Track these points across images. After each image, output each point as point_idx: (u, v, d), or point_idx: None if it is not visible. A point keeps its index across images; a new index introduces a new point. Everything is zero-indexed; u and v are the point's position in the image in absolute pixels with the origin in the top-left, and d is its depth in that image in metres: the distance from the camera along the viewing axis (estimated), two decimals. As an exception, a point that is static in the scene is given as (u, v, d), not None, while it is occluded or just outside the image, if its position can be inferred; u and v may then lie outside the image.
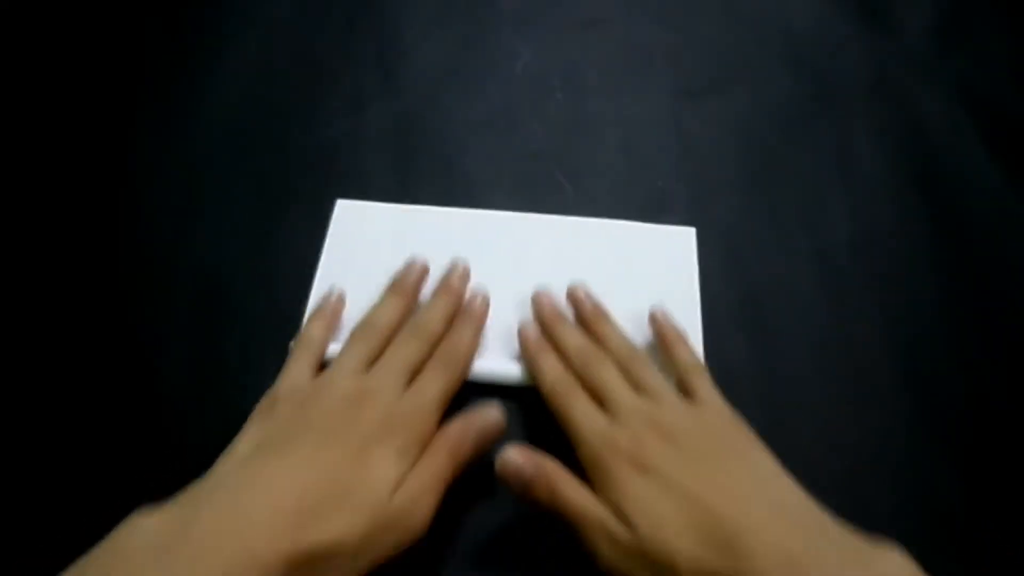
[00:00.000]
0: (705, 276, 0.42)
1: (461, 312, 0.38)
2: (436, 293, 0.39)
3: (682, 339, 0.37)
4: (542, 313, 0.38)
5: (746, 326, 0.40)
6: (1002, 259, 0.43)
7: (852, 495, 0.31)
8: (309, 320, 0.39)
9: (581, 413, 0.33)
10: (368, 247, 0.43)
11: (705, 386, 0.35)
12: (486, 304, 0.39)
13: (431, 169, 0.46)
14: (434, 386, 0.34)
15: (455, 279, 0.39)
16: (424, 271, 0.40)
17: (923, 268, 0.43)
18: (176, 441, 0.38)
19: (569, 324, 0.38)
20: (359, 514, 0.29)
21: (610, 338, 0.37)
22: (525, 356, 0.38)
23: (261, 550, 0.26)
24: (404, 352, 0.35)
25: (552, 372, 0.36)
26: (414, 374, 0.35)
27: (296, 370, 0.35)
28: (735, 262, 0.43)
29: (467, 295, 0.39)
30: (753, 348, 0.39)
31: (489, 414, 0.34)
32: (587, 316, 0.38)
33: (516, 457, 0.32)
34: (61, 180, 0.46)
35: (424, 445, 0.32)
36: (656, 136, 0.47)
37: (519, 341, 0.38)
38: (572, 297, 0.39)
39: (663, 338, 0.37)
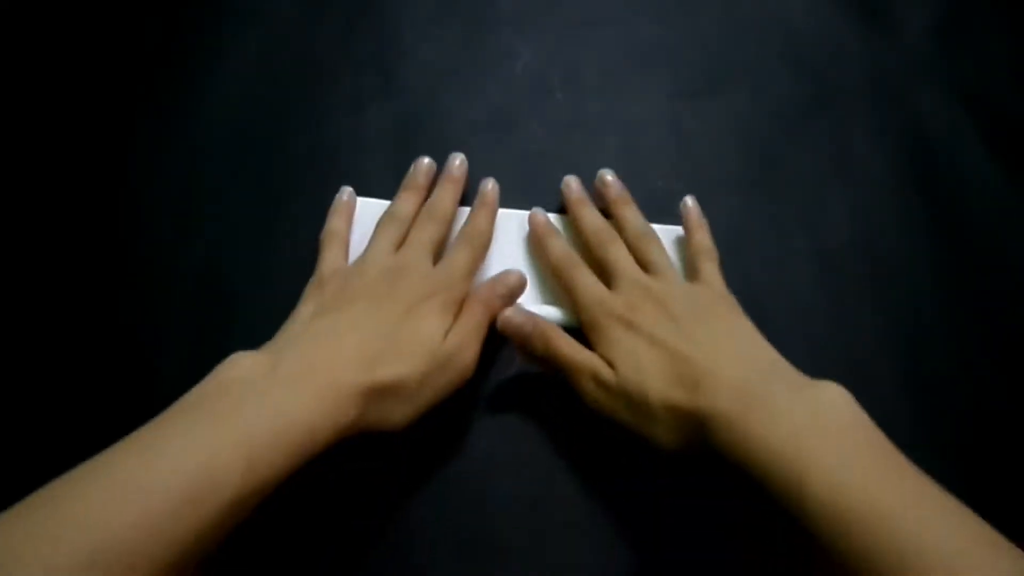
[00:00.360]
0: (705, 276, 0.42)
1: (477, 198, 0.42)
2: (441, 183, 0.43)
3: (703, 226, 0.42)
4: (568, 195, 0.43)
5: (746, 326, 0.40)
6: (1002, 259, 0.43)
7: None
8: (330, 216, 0.42)
9: (583, 283, 0.38)
10: (364, 242, 0.42)
11: (709, 268, 0.39)
12: (496, 189, 0.43)
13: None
14: (460, 257, 0.38)
15: (455, 169, 0.43)
16: (431, 167, 0.44)
17: (923, 268, 0.43)
18: (176, 441, 0.38)
19: (590, 206, 0.42)
20: (417, 357, 0.33)
21: (628, 220, 0.41)
22: (533, 238, 0.42)
23: (342, 380, 0.31)
24: (426, 232, 0.40)
25: (558, 249, 0.40)
26: (438, 252, 0.39)
27: (331, 256, 0.40)
28: (735, 262, 0.43)
29: (481, 184, 0.43)
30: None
31: (511, 275, 0.39)
32: (611, 198, 0.42)
33: (516, 315, 0.38)
34: (61, 180, 0.46)
35: (460, 304, 0.37)
36: (655, 136, 0.47)
37: (529, 226, 0.43)
38: (600, 181, 0.43)
39: (686, 221, 0.42)
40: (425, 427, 0.34)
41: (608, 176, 0.43)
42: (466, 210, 0.43)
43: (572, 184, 0.44)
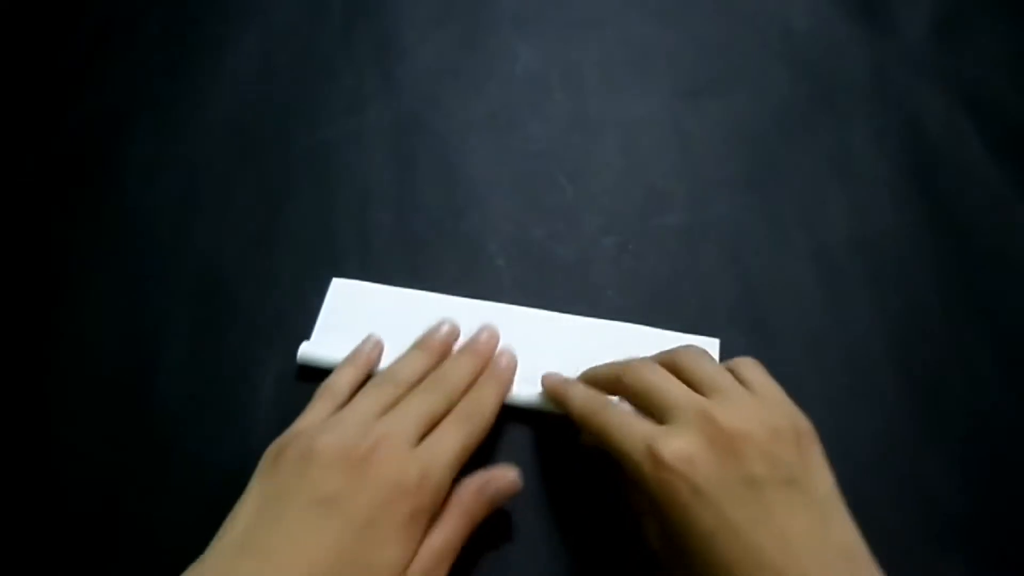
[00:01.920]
0: (705, 276, 0.42)
1: (486, 369, 0.36)
2: (462, 351, 0.37)
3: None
4: (559, 388, 0.36)
5: (746, 326, 0.40)
6: (1002, 259, 0.43)
7: (852, 494, 0.31)
8: (340, 366, 0.36)
9: (620, 422, 0.30)
10: (361, 328, 0.39)
11: (763, 378, 0.31)
12: (513, 364, 0.37)
13: (431, 169, 0.46)
14: (451, 440, 0.31)
15: (483, 340, 0.37)
16: (454, 331, 0.38)
17: (923, 268, 0.43)
18: (175, 441, 0.38)
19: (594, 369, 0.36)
20: None
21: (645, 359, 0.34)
22: (550, 392, 0.36)
23: None
24: (422, 402, 0.33)
25: (581, 394, 0.33)
26: (428, 428, 0.32)
27: (312, 414, 0.33)
28: (734, 262, 0.43)
29: (496, 355, 0.37)
30: (752, 348, 0.39)
31: (506, 475, 0.32)
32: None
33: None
34: (61, 180, 0.46)
35: (434, 511, 0.30)
36: (656, 136, 0.47)
37: (544, 387, 0.36)
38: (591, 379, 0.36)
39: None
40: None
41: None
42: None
43: (553, 379, 0.36)
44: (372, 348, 0.38)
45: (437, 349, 0.36)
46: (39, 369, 0.40)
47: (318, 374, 0.37)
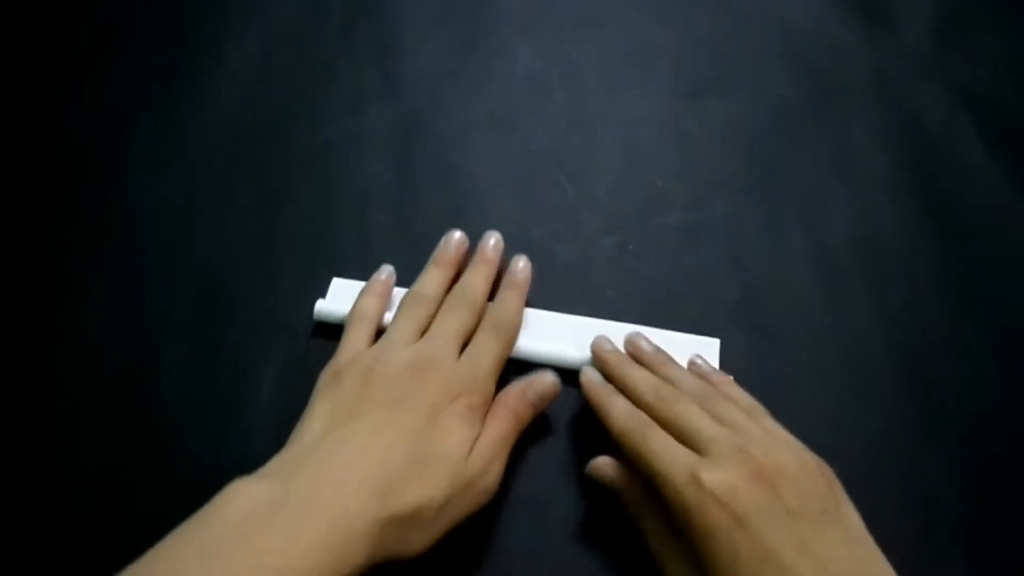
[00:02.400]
0: (704, 276, 0.42)
1: (506, 278, 0.39)
2: (474, 263, 0.40)
3: (729, 380, 0.36)
4: (606, 358, 0.37)
5: (746, 326, 0.40)
6: (1002, 259, 0.43)
7: (851, 494, 0.31)
8: (362, 294, 0.40)
9: (662, 448, 0.31)
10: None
11: (772, 423, 0.33)
12: (528, 268, 0.40)
13: (431, 169, 0.46)
14: (488, 351, 0.35)
15: (491, 247, 0.40)
16: (463, 242, 0.41)
17: (923, 268, 0.43)
18: (175, 441, 0.38)
19: (637, 366, 0.36)
20: (439, 479, 0.30)
21: (680, 379, 0.35)
22: (591, 400, 0.36)
23: (354, 513, 0.28)
24: (454, 320, 0.36)
25: (624, 411, 0.34)
26: (465, 340, 0.36)
27: (353, 342, 0.36)
28: (734, 262, 0.43)
29: (511, 262, 0.40)
30: (752, 348, 0.39)
31: (546, 378, 0.36)
32: (651, 362, 0.37)
33: (607, 468, 0.34)
34: (61, 180, 0.46)
35: (486, 408, 0.34)
36: (656, 136, 0.47)
37: (583, 387, 0.36)
38: (632, 345, 0.38)
39: (709, 382, 0.36)
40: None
41: (641, 340, 0.38)
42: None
43: (606, 346, 0.38)
44: (387, 276, 0.41)
45: (452, 262, 0.40)
46: (39, 369, 0.40)
47: (316, 374, 0.36)
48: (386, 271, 0.41)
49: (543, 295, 0.41)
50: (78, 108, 0.49)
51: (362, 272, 0.42)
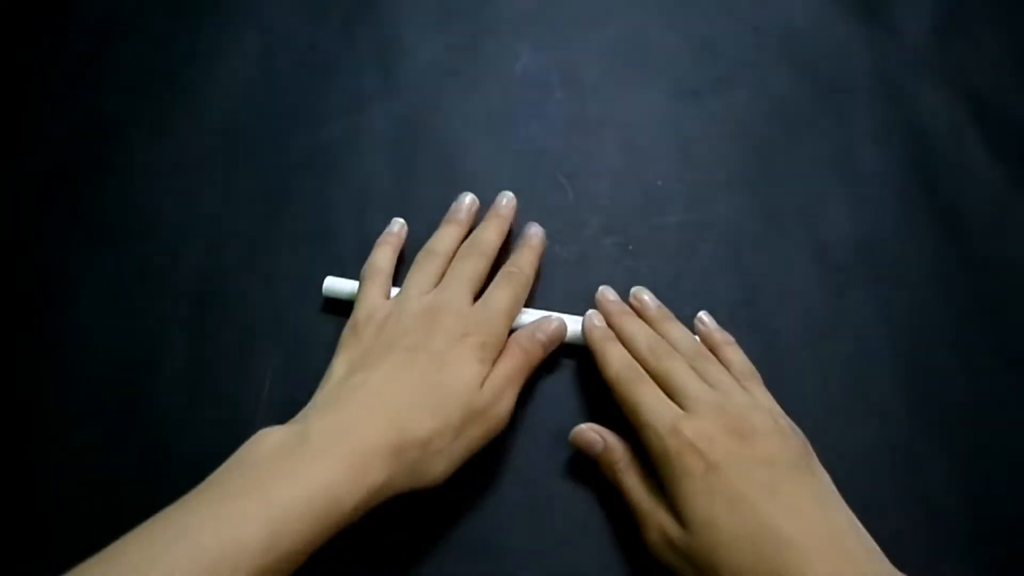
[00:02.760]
0: (705, 276, 0.42)
1: (519, 240, 0.41)
2: (487, 219, 0.41)
3: (731, 342, 0.38)
4: (609, 308, 0.39)
5: (746, 326, 0.40)
6: (1002, 259, 0.43)
7: (851, 494, 0.31)
8: (375, 248, 0.41)
9: (651, 400, 0.34)
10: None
11: (761, 390, 0.35)
12: (541, 232, 0.41)
13: (431, 169, 0.46)
14: (500, 296, 0.37)
15: (504, 205, 0.42)
16: (474, 203, 0.42)
17: (923, 268, 0.43)
18: (175, 441, 0.38)
19: (637, 319, 0.39)
20: (452, 408, 0.32)
21: (677, 337, 0.38)
22: (591, 343, 0.38)
23: (369, 442, 0.30)
24: (466, 266, 0.38)
25: (619, 360, 0.36)
26: (478, 289, 0.38)
27: (370, 296, 0.38)
28: (735, 262, 0.43)
29: (524, 227, 0.41)
30: (753, 348, 0.39)
31: (552, 321, 0.38)
32: (652, 316, 0.39)
33: (588, 433, 0.35)
34: (61, 181, 0.46)
35: (499, 348, 0.35)
36: (656, 136, 0.47)
37: (584, 330, 0.39)
38: (636, 299, 0.40)
39: (711, 341, 0.38)
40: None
41: (644, 295, 0.40)
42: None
43: (609, 295, 0.40)
44: (399, 228, 0.42)
45: (465, 220, 0.41)
46: (39, 370, 0.40)
47: (316, 374, 0.36)
48: (398, 223, 0.42)
49: (543, 295, 0.41)
50: (77, 109, 0.49)
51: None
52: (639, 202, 0.45)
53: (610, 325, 0.39)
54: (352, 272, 0.42)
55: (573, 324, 0.39)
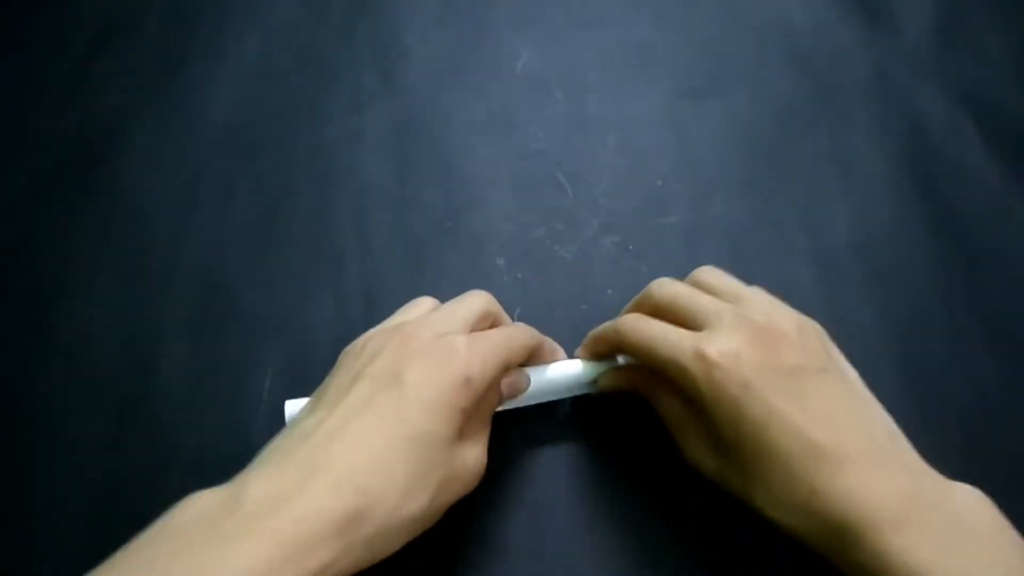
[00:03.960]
0: (705, 276, 0.42)
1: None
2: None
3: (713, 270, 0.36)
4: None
5: (746, 326, 0.40)
6: (1002, 259, 0.43)
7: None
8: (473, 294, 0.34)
9: (661, 333, 0.31)
10: None
11: (770, 297, 0.33)
12: (555, 348, 0.37)
13: (431, 169, 0.46)
14: (494, 335, 0.31)
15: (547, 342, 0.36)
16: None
17: (923, 268, 0.43)
18: (175, 441, 0.38)
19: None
20: (427, 460, 0.27)
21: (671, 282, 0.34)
22: (587, 340, 0.36)
23: (314, 511, 0.24)
24: (466, 306, 0.32)
25: (618, 320, 0.33)
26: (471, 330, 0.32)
27: (397, 318, 0.33)
28: (734, 262, 0.43)
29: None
30: (753, 348, 0.39)
31: (520, 380, 0.34)
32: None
33: (615, 375, 0.34)
34: (61, 180, 0.46)
35: (483, 389, 0.30)
36: (656, 136, 0.47)
37: (581, 348, 0.36)
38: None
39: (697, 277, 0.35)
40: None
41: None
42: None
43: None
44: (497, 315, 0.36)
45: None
46: (39, 369, 0.40)
47: (317, 375, 0.36)
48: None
49: (543, 295, 0.41)
50: (78, 108, 0.49)
51: (362, 272, 0.42)
52: (639, 202, 0.45)
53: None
54: (352, 271, 0.42)
55: (573, 367, 0.36)
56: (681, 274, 0.42)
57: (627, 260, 0.43)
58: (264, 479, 0.26)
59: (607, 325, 0.34)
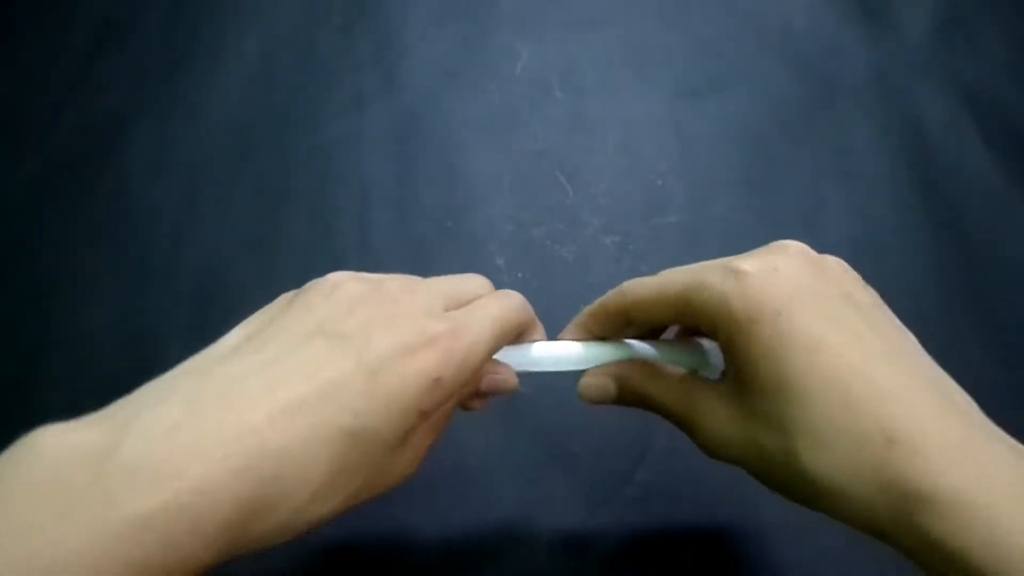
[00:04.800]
0: (705, 276, 0.42)
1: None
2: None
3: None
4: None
5: (746, 326, 0.40)
6: (1002, 259, 0.43)
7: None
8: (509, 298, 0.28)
9: (686, 269, 0.26)
10: None
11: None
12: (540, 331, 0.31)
13: (431, 169, 0.46)
14: (484, 305, 0.26)
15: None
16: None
17: (923, 268, 0.43)
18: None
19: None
20: (364, 441, 0.21)
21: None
22: (581, 318, 0.30)
23: (205, 484, 0.19)
24: (447, 282, 0.27)
25: (610, 292, 0.29)
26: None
27: (402, 279, 0.26)
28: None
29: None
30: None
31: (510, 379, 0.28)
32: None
33: (592, 379, 0.28)
34: (61, 180, 0.46)
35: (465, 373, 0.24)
36: (656, 135, 0.47)
37: (573, 328, 0.31)
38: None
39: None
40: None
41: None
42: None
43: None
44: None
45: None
46: (39, 369, 0.40)
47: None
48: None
49: (543, 295, 0.41)
50: (78, 108, 0.49)
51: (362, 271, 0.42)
52: (639, 202, 0.45)
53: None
54: (352, 269, 0.42)
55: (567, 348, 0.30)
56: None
57: (627, 260, 0.43)
58: (152, 421, 0.20)
59: (604, 297, 0.29)
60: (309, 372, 0.21)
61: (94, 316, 0.42)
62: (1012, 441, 0.23)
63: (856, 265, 0.43)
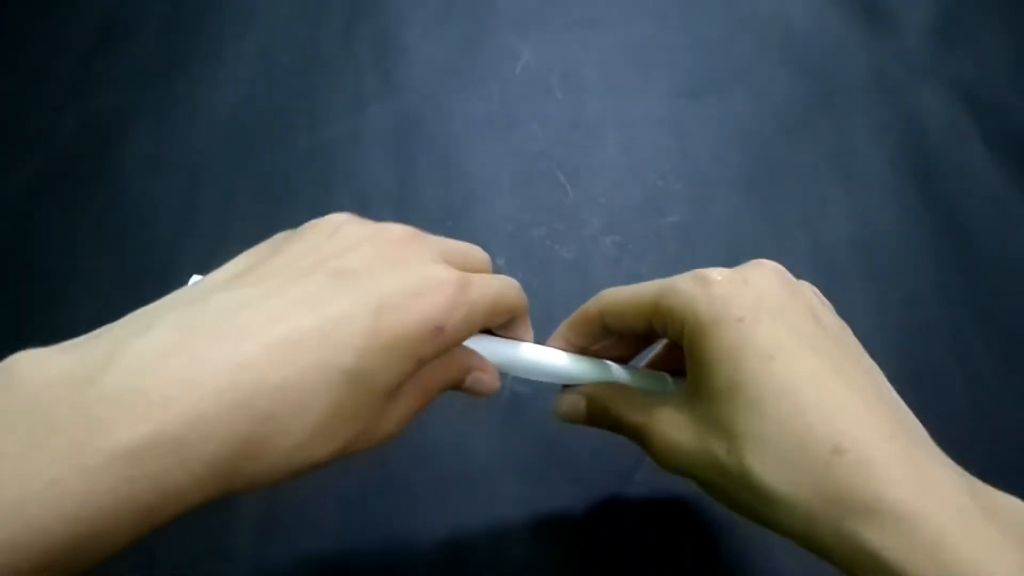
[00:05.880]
0: (705, 276, 0.42)
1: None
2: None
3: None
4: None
5: (746, 326, 0.40)
6: (1002, 259, 0.43)
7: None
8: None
9: (657, 282, 0.26)
10: None
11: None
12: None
13: (431, 169, 0.46)
14: (487, 278, 0.25)
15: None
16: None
17: (923, 268, 0.43)
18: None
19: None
20: (361, 382, 0.21)
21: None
22: (562, 329, 0.31)
23: (210, 395, 0.18)
24: (452, 246, 0.26)
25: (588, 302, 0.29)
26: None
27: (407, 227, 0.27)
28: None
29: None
30: (753, 348, 0.39)
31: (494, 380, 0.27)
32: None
33: (566, 398, 0.29)
34: (61, 180, 0.46)
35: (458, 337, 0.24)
36: (656, 136, 0.47)
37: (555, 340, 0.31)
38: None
39: None
40: (423, 427, 0.34)
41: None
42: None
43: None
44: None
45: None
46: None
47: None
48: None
49: (543, 295, 0.41)
50: (78, 108, 0.49)
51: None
52: (639, 202, 0.45)
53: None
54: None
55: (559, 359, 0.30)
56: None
57: (627, 260, 0.43)
58: (141, 353, 0.19)
59: (583, 304, 0.30)
60: (311, 306, 0.20)
61: (94, 316, 0.42)
62: (958, 467, 0.23)
63: (856, 265, 0.43)
